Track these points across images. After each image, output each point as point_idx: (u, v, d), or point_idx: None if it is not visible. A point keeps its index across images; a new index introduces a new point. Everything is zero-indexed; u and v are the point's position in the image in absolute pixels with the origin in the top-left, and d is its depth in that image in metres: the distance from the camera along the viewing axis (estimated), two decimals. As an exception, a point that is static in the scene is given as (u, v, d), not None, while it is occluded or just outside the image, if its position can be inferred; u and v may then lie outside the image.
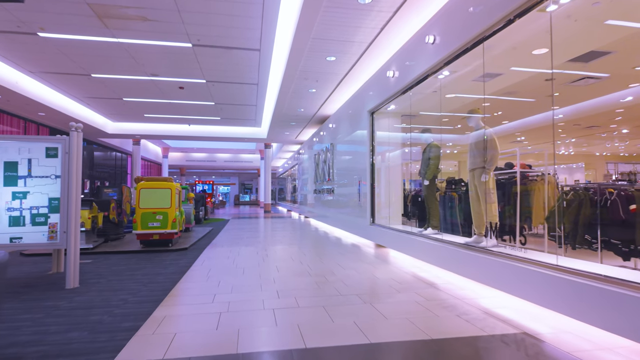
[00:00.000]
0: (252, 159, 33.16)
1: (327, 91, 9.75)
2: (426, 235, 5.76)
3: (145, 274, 5.09)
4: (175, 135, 18.02)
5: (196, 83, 10.67)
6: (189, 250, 7.18)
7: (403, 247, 6.20)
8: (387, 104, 7.27)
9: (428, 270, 5.27)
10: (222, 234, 10.06)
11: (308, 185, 16.34)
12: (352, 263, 5.83)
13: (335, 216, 11.01)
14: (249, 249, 7.30)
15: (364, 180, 8.22)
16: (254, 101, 12.62)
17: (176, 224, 7.23)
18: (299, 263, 5.83)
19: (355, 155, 8.91)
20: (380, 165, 8.00)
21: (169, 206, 7.19)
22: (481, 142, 4.79)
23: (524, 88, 7.85)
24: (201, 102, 12.81)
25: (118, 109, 14.11)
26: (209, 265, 5.73)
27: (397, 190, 7.98)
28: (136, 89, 11.28)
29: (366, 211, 8.00)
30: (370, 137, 7.96)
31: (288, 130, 15.92)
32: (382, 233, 7.12)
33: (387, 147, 8.02)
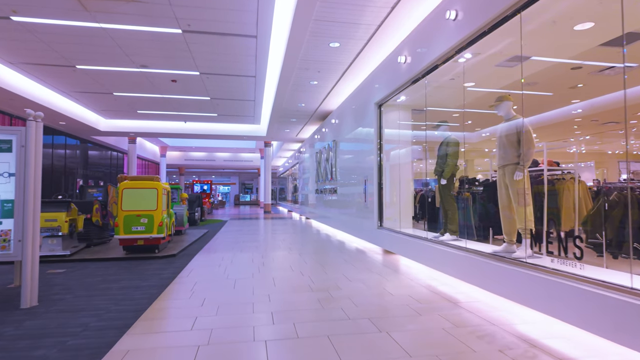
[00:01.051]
0: (252, 158, 32.46)
1: (329, 83, 9.03)
2: (445, 242, 5.05)
3: (122, 288, 4.39)
4: (171, 133, 17.33)
5: (189, 76, 9.97)
6: (177, 257, 6.48)
7: (417, 255, 5.48)
8: (396, 95, 6.55)
9: (448, 283, 4.55)
10: (217, 238, 9.36)
11: (309, 185, 15.64)
12: (359, 273, 5.11)
13: (338, 218, 10.30)
14: (244, 256, 6.60)
15: (370, 180, 7.50)
16: (252, 96, 11.91)
17: (163, 227, 6.53)
18: (299, 274, 5.12)
19: (361, 152, 8.20)
20: (389, 163, 7.28)
21: (154, 208, 6.49)
22: (514, 134, 4.07)
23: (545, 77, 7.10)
24: (196, 96, 12.11)
25: (109, 105, 13.42)
26: (196, 276, 5.02)
27: (408, 191, 7.26)
28: (126, 82, 10.59)
29: (373, 213, 7.29)
30: (377, 133, 7.24)
31: (288, 128, 15.21)
32: (391, 238, 6.40)
33: (397, 143, 7.30)
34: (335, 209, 10.72)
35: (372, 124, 7.41)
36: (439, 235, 5.58)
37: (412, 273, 5.19)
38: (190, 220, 12.98)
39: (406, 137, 7.24)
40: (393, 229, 6.66)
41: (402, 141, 7.28)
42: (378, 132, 7.24)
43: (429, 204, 8.27)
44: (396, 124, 7.22)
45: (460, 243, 5.00)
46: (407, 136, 7.25)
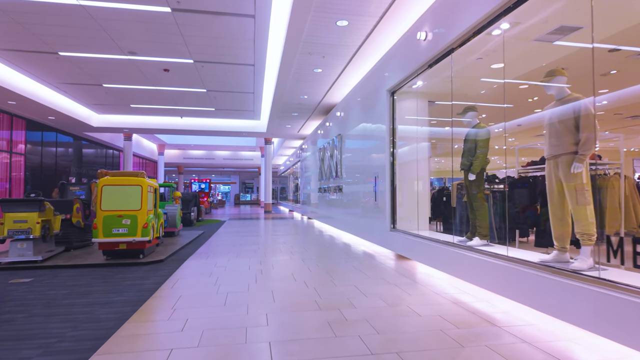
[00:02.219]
0: (252, 156, 31.71)
1: (335, 70, 8.25)
2: (475, 248, 4.27)
3: (89, 304, 3.63)
4: (168, 129, 16.57)
5: (183, 64, 9.21)
6: (164, 264, 5.71)
7: (440, 263, 4.71)
8: (413, 79, 5.77)
9: (482, 298, 3.77)
10: (212, 240, 8.59)
11: (311, 183, 14.87)
12: (374, 285, 4.34)
13: (344, 218, 9.53)
14: (240, 262, 5.83)
15: (381, 177, 6.73)
16: (251, 87, 11.14)
17: (149, 230, 5.77)
18: (302, 285, 4.34)
19: (370, 147, 7.42)
20: (403, 158, 6.50)
21: (138, 208, 5.72)
22: (570, 118, 3.29)
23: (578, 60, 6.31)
24: (191, 88, 11.34)
25: (100, 98, 12.66)
26: (182, 288, 4.25)
27: (424, 190, 6.49)
28: (115, 72, 9.82)
29: (384, 214, 6.51)
30: (389, 124, 6.46)
31: (290, 123, 14.44)
32: (407, 242, 5.63)
33: (412, 136, 6.52)
34: (340, 209, 9.95)
35: (383, 114, 6.63)
36: (466, 239, 4.80)
37: (435, 284, 4.41)
38: (185, 221, 12.23)
39: (423, 129, 6.46)
40: (409, 232, 5.88)
41: (418, 133, 6.50)
42: (390, 123, 6.46)
43: (443, 204, 7.52)
44: (412, 114, 6.44)
45: (492, 249, 4.23)
46: (424, 127, 6.48)
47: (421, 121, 6.53)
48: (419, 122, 6.50)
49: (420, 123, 6.53)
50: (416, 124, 6.48)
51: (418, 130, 6.48)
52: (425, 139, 6.56)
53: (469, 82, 5.71)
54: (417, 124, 6.49)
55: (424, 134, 6.53)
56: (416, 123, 6.49)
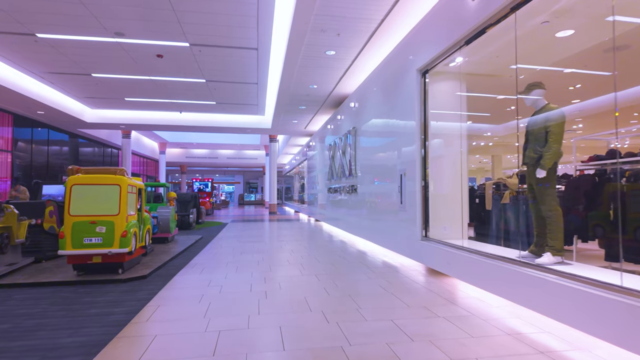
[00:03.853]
0: (256, 155, 30.72)
1: (351, 52, 7.16)
2: (553, 269, 3.16)
3: (29, 350, 2.58)
4: (166, 125, 15.57)
5: (177, 48, 8.17)
6: (147, 281, 4.66)
7: (497, 286, 3.61)
8: (454, 52, 4.66)
9: (582, 346, 2.67)
10: (210, 247, 7.54)
11: (319, 183, 13.80)
12: (416, 318, 3.25)
13: (358, 222, 8.44)
14: (240, 278, 4.76)
15: (409, 175, 5.63)
16: (254, 76, 10.08)
17: (129, 238, 4.72)
18: (321, 318, 3.26)
19: (394, 139, 6.32)
20: (437, 151, 5.41)
21: (116, 212, 4.68)
22: None
23: None
24: (189, 78, 10.31)
25: (91, 90, 11.67)
26: (159, 321, 3.19)
27: (464, 190, 5.40)
28: (103, 58, 8.81)
29: (414, 219, 5.42)
30: (420, 111, 5.37)
31: (296, 118, 13.37)
32: (447, 256, 4.53)
33: (450, 125, 5.43)
34: (354, 212, 8.86)
35: (411, 99, 5.53)
36: (530, 255, 3.71)
37: (496, 316, 3.31)
38: (183, 224, 11.21)
39: (462, 115, 5.36)
40: (448, 243, 4.78)
41: (456, 122, 5.40)
42: (421, 110, 5.36)
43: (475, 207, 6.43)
44: (449, 98, 5.34)
45: (572, 269, 3.13)
46: (463, 113, 5.38)
47: (458, 107, 5.44)
48: (457, 108, 5.40)
49: (458, 109, 5.43)
50: (455, 111, 5.38)
51: (456, 118, 5.39)
52: (464, 128, 5.47)
53: (528, 55, 4.61)
54: (456, 111, 5.39)
55: (463, 123, 5.43)
56: (454, 109, 5.39)
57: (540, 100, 3.75)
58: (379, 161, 7.10)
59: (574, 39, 4.40)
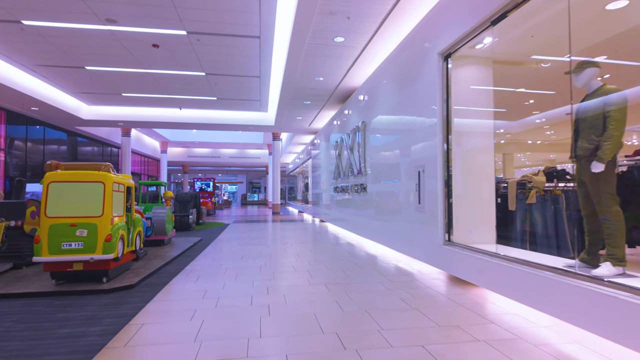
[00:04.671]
0: (259, 154, 30.20)
1: (362, 38, 6.58)
2: (621, 284, 2.58)
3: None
4: (166, 122, 15.04)
5: (174, 37, 7.62)
6: (134, 291, 4.11)
7: (542, 301, 3.02)
8: (483, 31, 4.08)
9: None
10: (209, 251, 6.99)
11: (325, 182, 13.22)
12: (451, 343, 2.67)
13: (368, 224, 7.86)
14: (240, 289, 4.20)
15: (429, 172, 5.05)
16: (257, 68, 9.52)
17: (114, 243, 4.17)
18: (336, 343, 2.69)
19: (410, 133, 5.74)
20: (463, 145, 4.83)
21: (99, 213, 4.13)
22: None
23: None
24: (188, 71, 9.77)
25: (86, 85, 11.16)
26: (140, 345, 2.63)
27: (492, 188, 4.83)
28: (96, 48, 8.28)
29: (435, 221, 4.83)
30: (442, 100, 4.78)
31: (300, 114, 12.81)
32: (477, 264, 3.94)
33: (475, 115, 4.84)
34: (363, 212, 8.29)
35: (432, 87, 4.95)
36: (583, 264, 3.12)
37: (548, 339, 2.73)
38: (182, 225, 10.68)
39: (491, 106, 4.78)
40: (479, 249, 4.19)
41: (484, 112, 4.82)
42: (444, 98, 4.77)
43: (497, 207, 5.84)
44: (475, 86, 4.76)
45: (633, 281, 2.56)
46: (493, 104, 4.80)
47: (484, 94, 4.85)
48: (483, 96, 4.82)
49: (484, 97, 4.85)
50: (481, 99, 4.80)
51: (482, 107, 4.81)
52: (490, 115, 4.89)
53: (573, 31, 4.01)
54: (482, 99, 4.81)
55: (490, 112, 4.85)
56: (480, 97, 4.81)
57: (594, 81, 3.16)
58: (392, 157, 6.51)
59: (629, 11, 3.80)
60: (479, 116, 4.92)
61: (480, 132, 4.89)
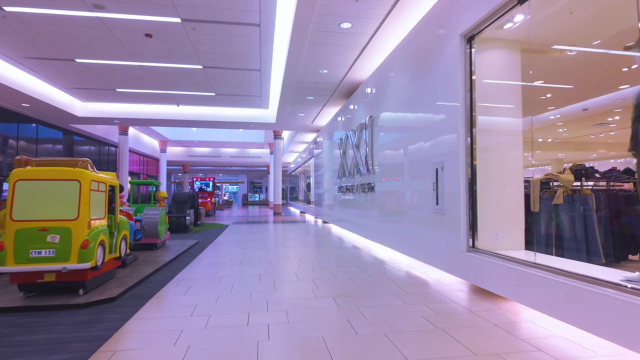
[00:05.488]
0: (260, 154, 29.69)
1: (371, 24, 6.04)
2: None
3: None
4: (164, 120, 14.52)
5: (168, 25, 7.09)
6: (115, 305, 3.57)
7: (606, 325, 2.47)
8: (512, 7, 3.53)
9: None
10: (205, 255, 6.46)
11: (328, 181, 12.68)
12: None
13: (376, 226, 7.31)
14: (234, 303, 3.66)
15: (450, 170, 4.50)
16: (257, 61, 8.98)
17: (92, 250, 3.64)
18: (352, 379, 2.15)
19: (426, 126, 5.19)
20: (488, 140, 4.28)
21: (74, 216, 3.60)
22: None
23: None
24: (184, 64, 9.24)
25: (78, 79, 10.64)
26: (106, 385, 2.10)
27: (521, 187, 4.30)
28: (85, 38, 7.75)
29: (457, 224, 4.28)
30: (465, 88, 4.23)
31: (303, 110, 12.27)
32: (510, 275, 3.39)
33: (501, 105, 4.30)
34: (370, 213, 7.74)
35: (452, 73, 4.40)
36: None
37: (620, 378, 2.18)
38: (179, 227, 10.17)
39: (519, 94, 4.24)
40: (512, 258, 3.63)
41: (514, 100, 4.28)
42: (467, 86, 4.22)
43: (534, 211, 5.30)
44: (502, 73, 4.21)
45: None
46: (520, 92, 4.25)
47: (513, 81, 4.31)
48: (512, 84, 4.27)
49: (512, 85, 4.31)
50: (508, 87, 4.25)
51: (509, 96, 4.26)
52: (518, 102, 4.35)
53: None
54: (509, 86, 4.26)
55: (518, 101, 4.31)
56: (508, 86, 4.26)
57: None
58: (403, 154, 5.96)
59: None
60: (505, 105, 4.38)
61: (506, 124, 4.34)
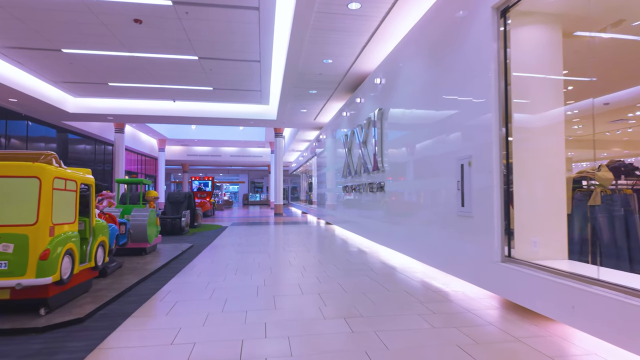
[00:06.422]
0: (261, 153, 29.09)
1: (382, 6, 5.41)
2: None
3: None
4: (160, 116, 13.94)
5: (158, 9, 6.47)
6: (83, 326, 2.95)
7: None
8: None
9: None
10: (198, 261, 5.84)
11: (331, 181, 12.06)
12: None
13: (387, 229, 6.69)
14: (225, 326, 3.03)
15: (478, 165, 3.87)
16: (256, 51, 8.36)
17: (54, 261, 3.02)
18: None
19: (447, 116, 4.55)
20: (524, 131, 3.66)
21: (32, 221, 2.98)
22: None
23: None
24: (178, 55, 8.63)
25: (67, 72, 10.05)
26: None
27: (560, 186, 3.68)
28: (69, 24, 7.15)
29: (488, 229, 3.65)
30: (499, 69, 3.60)
31: (305, 106, 11.65)
32: (566, 295, 2.76)
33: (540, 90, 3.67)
34: (379, 215, 7.11)
35: (482, 53, 3.77)
36: None
37: None
38: (174, 229, 9.55)
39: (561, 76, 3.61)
40: (563, 272, 3.00)
41: (550, 87, 3.66)
42: (501, 67, 3.59)
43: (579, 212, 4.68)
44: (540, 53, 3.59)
45: None
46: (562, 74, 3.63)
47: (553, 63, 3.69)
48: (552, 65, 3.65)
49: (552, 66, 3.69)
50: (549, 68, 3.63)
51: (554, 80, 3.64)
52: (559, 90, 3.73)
53: None
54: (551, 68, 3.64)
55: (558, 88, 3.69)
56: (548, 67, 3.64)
57: None
58: (419, 149, 5.33)
59: None
60: (543, 91, 3.76)
61: (546, 112, 3.72)
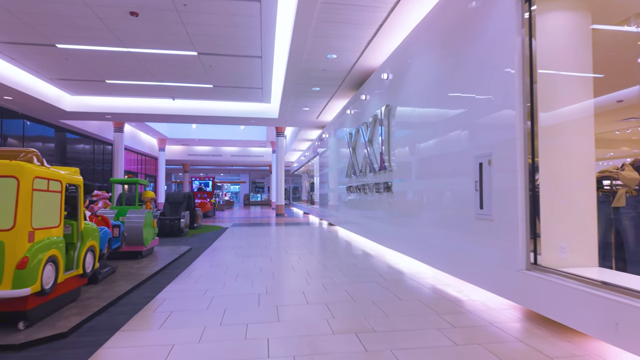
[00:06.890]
0: (262, 152, 28.81)
1: (391, -5, 5.10)
2: None
3: None
4: (159, 115, 13.65)
5: (155, 0, 6.17)
6: (66, 342, 2.65)
7: None
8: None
9: None
10: (195, 266, 5.54)
11: (334, 181, 11.75)
12: None
13: (395, 232, 6.38)
14: (222, 344, 2.73)
15: (498, 164, 3.55)
16: (257, 46, 8.06)
17: (34, 270, 2.73)
18: None
19: (463, 110, 4.24)
20: (545, 127, 3.35)
21: (8, 225, 2.69)
22: None
23: None
24: (176, 50, 8.33)
25: (63, 69, 9.76)
26: None
27: (590, 188, 3.37)
28: (62, 18, 6.86)
29: (511, 235, 3.34)
30: (523, 58, 3.29)
31: (308, 104, 11.34)
32: (608, 310, 2.45)
33: (566, 82, 3.37)
34: (386, 216, 6.80)
35: (504, 42, 3.46)
36: None
37: None
38: (172, 230, 9.26)
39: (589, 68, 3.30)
40: (603, 283, 2.69)
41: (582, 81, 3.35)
42: (525, 55, 3.28)
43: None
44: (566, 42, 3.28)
45: None
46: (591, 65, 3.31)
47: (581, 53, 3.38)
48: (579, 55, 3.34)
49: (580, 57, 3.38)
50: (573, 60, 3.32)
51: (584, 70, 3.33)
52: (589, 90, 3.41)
53: None
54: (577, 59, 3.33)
55: (587, 79, 3.38)
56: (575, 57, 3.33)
57: None
58: (430, 147, 5.02)
59: None
60: (570, 84, 3.45)
61: (573, 106, 3.41)
